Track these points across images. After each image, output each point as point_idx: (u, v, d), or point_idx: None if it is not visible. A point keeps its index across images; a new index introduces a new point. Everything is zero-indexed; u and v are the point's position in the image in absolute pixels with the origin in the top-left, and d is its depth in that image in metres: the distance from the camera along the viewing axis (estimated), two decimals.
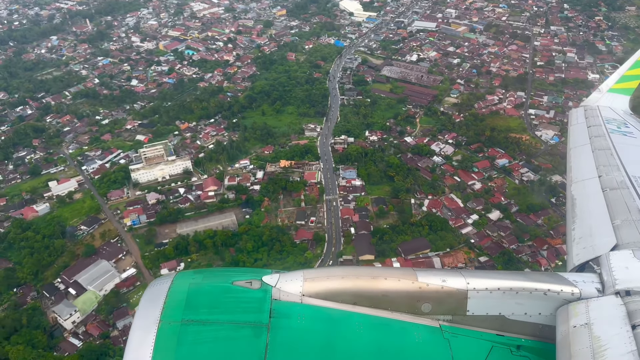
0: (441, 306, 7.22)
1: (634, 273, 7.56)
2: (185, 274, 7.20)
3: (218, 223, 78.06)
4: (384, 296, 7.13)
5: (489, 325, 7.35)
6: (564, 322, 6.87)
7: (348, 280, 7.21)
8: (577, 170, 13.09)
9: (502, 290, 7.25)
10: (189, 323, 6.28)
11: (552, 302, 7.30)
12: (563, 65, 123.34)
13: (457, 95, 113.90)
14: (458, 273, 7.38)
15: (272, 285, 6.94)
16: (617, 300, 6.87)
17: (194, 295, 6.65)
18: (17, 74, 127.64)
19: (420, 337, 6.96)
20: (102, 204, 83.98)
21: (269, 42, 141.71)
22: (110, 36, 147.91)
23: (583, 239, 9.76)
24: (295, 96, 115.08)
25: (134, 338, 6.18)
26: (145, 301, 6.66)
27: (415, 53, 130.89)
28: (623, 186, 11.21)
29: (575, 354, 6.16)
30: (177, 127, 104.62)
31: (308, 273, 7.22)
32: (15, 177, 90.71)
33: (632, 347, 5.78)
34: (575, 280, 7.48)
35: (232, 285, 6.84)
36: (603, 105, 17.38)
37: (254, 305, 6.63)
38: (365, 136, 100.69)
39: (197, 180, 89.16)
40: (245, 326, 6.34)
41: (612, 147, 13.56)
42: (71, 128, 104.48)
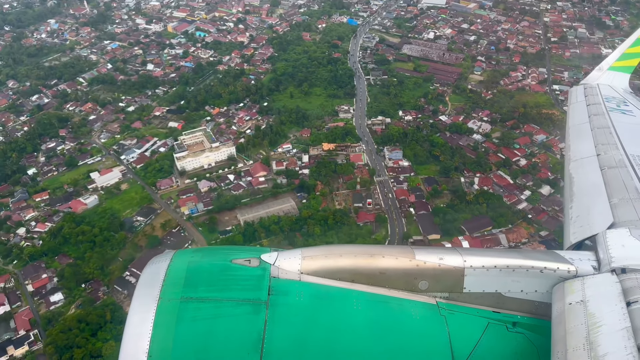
0: (438, 283, 7.26)
1: (630, 251, 7.58)
2: (184, 252, 7.19)
3: (279, 209, 77.78)
4: (381, 274, 7.18)
5: (485, 302, 7.42)
6: (560, 300, 6.93)
7: (346, 258, 7.24)
8: (575, 148, 13.05)
9: (498, 268, 7.28)
10: (188, 300, 6.31)
11: (548, 280, 7.34)
12: (576, 41, 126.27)
13: (480, 72, 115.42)
14: (455, 251, 7.46)
15: (271, 263, 6.96)
16: (613, 278, 6.90)
17: (193, 273, 6.66)
18: (22, 60, 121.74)
19: (417, 314, 7.06)
20: (152, 193, 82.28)
21: (279, 22, 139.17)
22: (112, 18, 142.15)
23: (580, 218, 9.79)
24: (320, 77, 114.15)
25: (134, 315, 6.21)
26: (144, 279, 6.64)
27: (431, 31, 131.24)
28: (621, 165, 11.20)
29: (570, 331, 6.23)
30: (208, 113, 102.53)
31: (306, 251, 7.28)
32: (50, 169, 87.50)
33: (627, 324, 5.87)
34: (572, 258, 7.50)
35: (231, 264, 6.87)
36: (603, 83, 17.33)
37: (253, 283, 6.66)
38: (400, 116, 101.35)
39: (243, 167, 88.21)
40: (244, 303, 6.40)
41: (611, 126, 13.56)
42: (97, 116, 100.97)
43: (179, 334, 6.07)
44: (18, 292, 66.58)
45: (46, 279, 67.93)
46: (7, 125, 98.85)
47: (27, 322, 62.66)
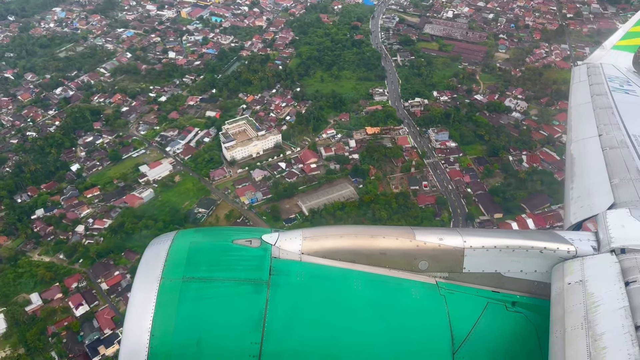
0: (438, 264, 7.40)
1: (630, 231, 7.69)
2: (186, 232, 7.27)
3: (339, 194, 78.08)
4: (382, 254, 7.31)
5: (484, 282, 7.52)
6: (559, 279, 7.04)
7: (347, 239, 7.38)
8: (577, 129, 13.14)
9: (498, 248, 7.42)
10: (190, 280, 6.39)
11: (548, 260, 7.47)
12: (590, 17, 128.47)
13: (505, 50, 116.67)
14: (455, 231, 7.60)
15: (272, 244, 7.07)
16: (612, 258, 7.01)
17: (194, 253, 6.75)
18: (35, 51, 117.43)
19: (417, 294, 7.17)
20: (207, 184, 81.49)
21: (294, 4, 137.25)
22: (120, 5, 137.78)
23: (581, 198, 9.91)
24: (347, 60, 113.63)
25: (136, 294, 6.32)
26: (146, 259, 6.74)
27: (450, 10, 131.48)
28: (623, 145, 11.28)
29: (568, 310, 6.36)
30: (243, 101, 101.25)
31: (307, 232, 7.37)
32: (94, 164, 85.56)
33: (625, 303, 6.01)
34: (572, 239, 7.61)
35: (232, 244, 6.97)
36: (606, 62, 17.25)
37: (254, 263, 6.77)
38: (435, 97, 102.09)
39: (292, 154, 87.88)
40: (246, 283, 6.50)
41: (613, 106, 13.57)
42: (130, 108, 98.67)
43: (181, 314, 6.15)
44: (93, 292, 65.68)
45: (119, 276, 67.12)
46: (36, 120, 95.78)
47: (110, 320, 62.09)
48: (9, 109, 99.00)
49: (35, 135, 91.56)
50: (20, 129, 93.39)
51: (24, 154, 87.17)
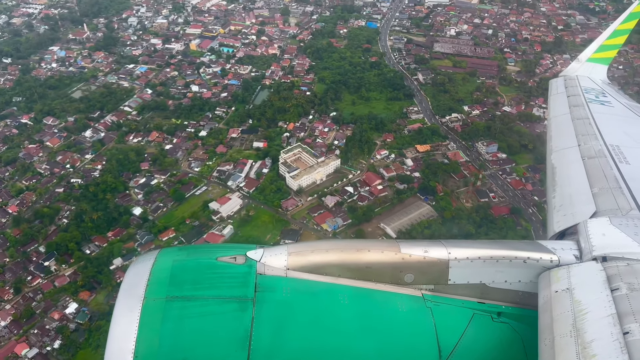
0: (424, 276, 7.45)
1: (610, 239, 7.81)
2: (168, 250, 7.30)
3: (418, 213, 79.73)
4: (367, 268, 7.34)
5: (470, 293, 7.62)
6: (546, 287, 7.11)
7: (332, 254, 7.40)
8: (557, 139, 13.46)
9: (482, 259, 7.48)
10: (174, 299, 6.35)
11: (531, 270, 7.54)
12: (578, 27, 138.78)
13: (513, 63, 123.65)
14: (440, 243, 7.66)
15: (257, 260, 7.07)
16: (598, 266, 7.11)
17: (178, 271, 6.72)
18: (46, 94, 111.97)
19: (403, 307, 7.23)
20: (283, 215, 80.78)
21: (299, 30, 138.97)
22: (122, 41, 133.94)
23: (563, 207, 10.09)
24: (371, 81, 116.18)
25: (118, 315, 6.26)
26: (128, 278, 6.71)
27: (452, 28, 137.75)
28: (601, 155, 11.53)
29: (556, 318, 6.39)
30: (285, 129, 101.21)
31: (292, 247, 7.41)
32: (157, 205, 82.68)
33: (612, 311, 6.06)
34: (554, 248, 7.73)
35: (217, 262, 6.95)
36: (582, 75, 17.90)
37: (239, 280, 6.74)
38: (467, 111, 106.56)
39: (353, 177, 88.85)
40: (231, 301, 6.47)
41: (590, 117, 13.94)
42: (173, 145, 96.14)
43: (165, 334, 6.11)
44: None
45: None
46: (76, 166, 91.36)
47: None
48: (40, 156, 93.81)
49: (81, 182, 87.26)
50: (62, 177, 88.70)
51: (76, 202, 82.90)
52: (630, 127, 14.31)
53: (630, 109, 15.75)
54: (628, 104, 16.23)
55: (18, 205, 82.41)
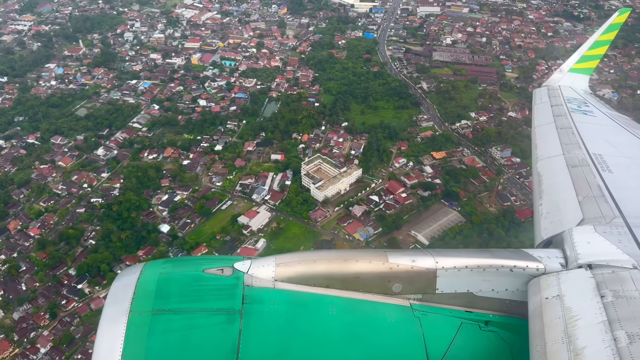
0: (411, 285, 7.47)
1: (595, 247, 7.90)
2: (154, 263, 7.23)
3: (446, 220, 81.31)
4: (355, 278, 7.34)
5: (457, 302, 7.66)
6: (536, 294, 7.16)
7: (320, 264, 7.40)
8: (542, 147, 13.77)
9: (469, 268, 7.54)
10: (160, 312, 6.30)
11: (518, 278, 7.61)
12: (566, 34, 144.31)
13: (511, 70, 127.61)
14: (427, 253, 7.72)
15: (244, 272, 7.03)
16: (587, 273, 7.17)
17: (164, 284, 6.67)
18: (49, 112, 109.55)
19: (391, 317, 7.23)
20: (313, 227, 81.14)
21: (298, 42, 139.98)
22: (120, 56, 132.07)
23: (551, 214, 10.22)
24: (377, 91, 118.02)
25: (104, 329, 6.20)
26: (114, 292, 6.66)
27: (447, 36, 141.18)
28: (584, 163, 11.70)
29: (548, 324, 6.45)
30: (300, 140, 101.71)
31: (280, 258, 7.40)
32: (185, 222, 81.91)
33: (604, 318, 6.13)
34: (540, 256, 7.81)
35: (203, 274, 6.91)
36: (564, 85, 18.25)
37: (226, 292, 6.70)
38: (473, 117, 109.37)
39: (376, 186, 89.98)
40: (218, 313, 6.43)
41: (573, 126, 14.21)
42: (191, 161, 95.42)
43: (151, 347, 6.04)
44: None
45: None
46: (94, 185, 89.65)
47: None
48: (54, 176, 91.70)
49: (102, 201, 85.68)
50: (81, 197, 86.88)
51: (100, 222, 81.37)
52: (612, 136, 14.58)
53: (612, 118, 16.22)
54: (609, 114, 16.75)
55: (39, 228, 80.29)
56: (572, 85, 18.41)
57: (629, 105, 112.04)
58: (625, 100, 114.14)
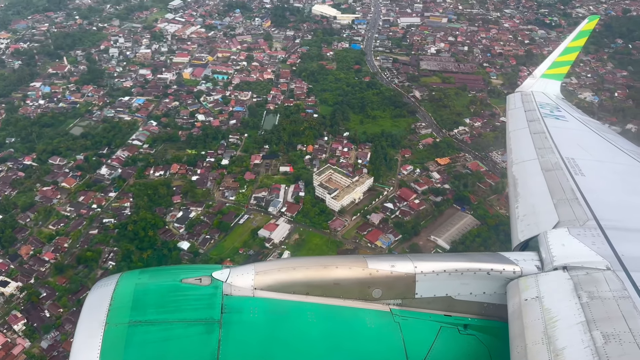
0: (391, 291, 7.57)
1: (570, 250, 8.09)
2: (130, 274, 7.19)
3: (463, 223, 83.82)
4: (335, 284, 7.40)
5: (436, 306, 7.77)
6: (515, 296, 7.29)
7: (300, 271, 7.43)
8: (517, 152, 14.01)
9: (447, 272, 7.67)
10: (137, 324, 6.24)
11: (495, 281, 7.78)
12: (542, 41, 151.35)
13: (496, 76, 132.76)
14: (406, 258, 7.85)
15: (223, 281, 7.02)
16: (565, 275, 7.34)
17: (141, 295, 6.63)
18: (43, 133, 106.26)
19: (372, 322, 7.32)
20: (333, 236, 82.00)
21: (287, 55, 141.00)
22: (108, 72, 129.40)
23: (527, 217, 10.34)
24: (373, 101, 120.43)
25: (79, 343, 6.09)
26: (89, 304, 6.59)
27: (431, 46, 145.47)
28: (557, 167, 11.95)
29: (528, 326, 6.52)
30: (304, 151, 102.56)
31: (259, 266, 7.41)
32: (204, 238, 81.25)
33: (582, 318, 6.25)
34: (516, 259, 8.01)
35: (181, 284, 6.88)
36: (537, 90, 18.75)
37: (205, 302, 6.68)
38: (468, 123, 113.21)
39: (388, 194, 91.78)
40: (196, 324, 6.39)
41: (546, 131, 14.50)
42: (200, 176, 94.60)
43: (129, 359, 6.00)
44: None
45: None
46: (103, 205, 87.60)
47: None
48: (59, 198, 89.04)
49: (114, 221, 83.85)
50: (92, 218, 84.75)
51: (116, 243, 79.66)
52: (584, 140, 14.93)
53: (583, 123, 16.64)
54: (581, 118, 17.19)
55: (53, 252, 77.83)
56: (545, 91, 18.98)
57: (609, 107, 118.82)
58: (605, 102, 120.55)
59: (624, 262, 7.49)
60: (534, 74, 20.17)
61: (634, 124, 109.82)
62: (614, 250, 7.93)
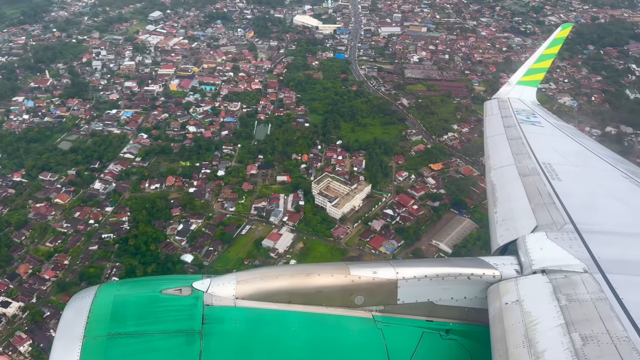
0: (373, 297, 7.59)
1: (548, 253, 8.21)
2: (109, 285, 7.21)
3: (462, 227, 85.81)
4: (318, 292, 7.40)
5: (418, 312, 7.81)
6: (496, 300, 7.35)
7: (282, 280, 7.41)
8: (494, 157, 14.17)
9: (429, 277, 7.69)
10: (116, 336, 6.17)
11: (476, 286, 7.84)
12: (519, 48, 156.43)
13: (478, 84, 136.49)
14: (387, 263, 7.89)
15: (204, 291, 6.96)
16: (544, 278, 7.43)
17: (120, 307, 6.56)
18: (29, 149, 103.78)
19: (354, 329, 7.32)
20: (337, 244, 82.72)
21: (273, 65, 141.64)
22: (93, 85, 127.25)
23: (506, 221, 10.50)
24: (361, 109, 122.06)
25: (56, 356, 6.01)
26: (66, 317, 6.49)
27: (413, 55, 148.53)
28: (534, 172, 12.24)
29: (509, 329, 6.58)
30: (299, 161, 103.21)
31: (241, 275, 7.43)
32: (208, 250, 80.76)
33: (562, 321, 6.34)
34: (496, 263, 8.09)
35: (161, 294, 6.83)
36: (513, 97, 19.02)
37: (185, 313, 6.63)
38: (456, 129, 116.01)
39: (387, 200, 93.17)
40: (177, 335, 6.34)
41: (522, 137, 14.73)
42: (197, 188, 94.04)
43: None
44: None
45: None
46: (100, 221, 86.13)
47: None
48: (54, 214, 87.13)
49: (113, 236, 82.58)
50: (90, 233, 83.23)
51: (117, 258, 78.51)
52: (559, 145, 15.18)
53: (558, 128, 16.95)
54: (556, 124, 17.50)
55: (53, 270, 76.09)
56: (521, 97, 19.30)
57: (588, 111, 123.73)
58: (584, 107, 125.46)
59: (600, 265, 7.65)
60: (509, 81, 20.50)
61: (613, 127, 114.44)
62: (590, 253, 8.07)
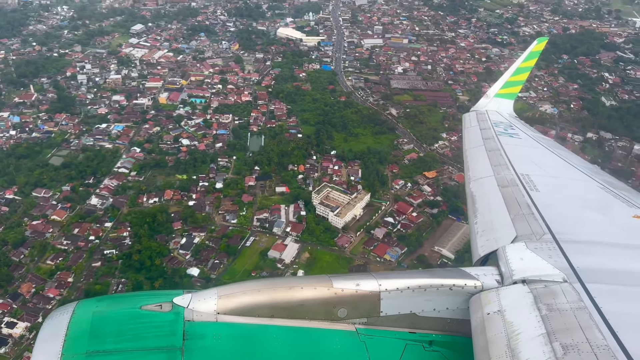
0: (356, 310, 7.61)
1: (527, 263, 8.33)
2: (87, 302, 7.04)
3: (462, 233, 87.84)
4: (300, 306, 7.39)
5: (401, 324, 7.86)
6: (478, 310, 7.43)
7: (264, 294, 7.38)
8: (474, 169, 14.64)
9: (411, 289, 7.74)
10: (95, 354, 6.07)
11: (457, 297, 7.92)
12: (497, 58, 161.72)
13: (462, 93, 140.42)
14: (370, 276, 7.97)
15: (184, 307, 6.92)
16: (525, 288, 7.51)
17: (98, 324, 6.47)
18: (19, 166, 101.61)
19: (337, 343, 7.34)
20: (342, 253, 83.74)
21: (260, 77, 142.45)
22: (79, 99, 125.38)
23: (486, 232, 10.60)
24: (352, 119, 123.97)
25: None
26: (43, 335, 6.38)
27: (397, 66, 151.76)
28: (513, 184, 12.49)
29: (491, 340, 6.62)
30: (298, 172, 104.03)
31: (222, 290, 7.38)
32: (214, 263, 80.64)
33: (543, 330, 6.42)
34: (477, 274, 8.20)
35: (141, 311, 6.77)
36: (491, 109, 19.36)
37: (166, 329, 6.57)
38: (445, 138, 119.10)
39: (386, 208, 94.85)
40: (157, 351, 6.27)
41: (500, 148, 15.15)
42: (197, 201, 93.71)
43: None
44: None
45: None
46: (101, 237, 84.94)
47: None
48: (51, 232, 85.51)
49: (116, 252, 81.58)
50: (91, 250, 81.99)
51: (122, 274, 77.63)
52: (537, 156, 15.50)
53: (535, 140, 17.30)
54: (533, 135, 17.92)
55: (57, 288, 74.66)
56: (499, 110, 19.67)
57: (568, 118, 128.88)
58: (564, 114, 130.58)
59: (579, 274, 7.77)
60: (487, 93, 20.93)
61: (593, 133, 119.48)
62: (569, 263, 8.21)
